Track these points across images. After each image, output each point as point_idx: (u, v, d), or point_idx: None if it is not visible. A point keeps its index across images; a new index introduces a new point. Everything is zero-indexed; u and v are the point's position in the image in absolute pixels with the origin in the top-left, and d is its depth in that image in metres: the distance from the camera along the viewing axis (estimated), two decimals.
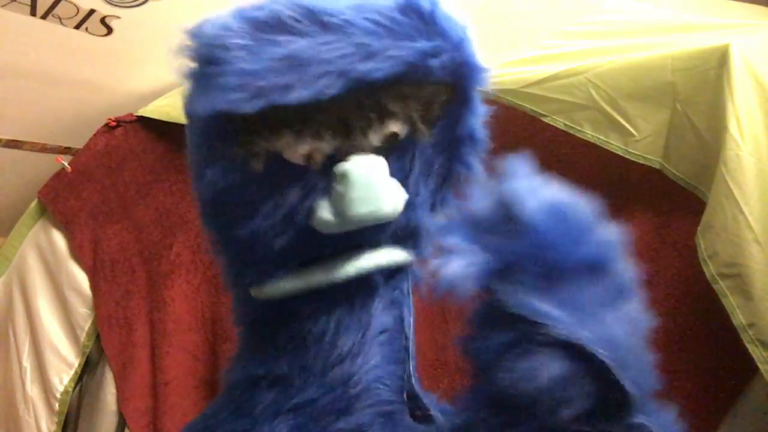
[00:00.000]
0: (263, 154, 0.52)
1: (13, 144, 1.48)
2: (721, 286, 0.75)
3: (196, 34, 0.52)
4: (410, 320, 0.63)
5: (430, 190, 0.59)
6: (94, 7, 1.20)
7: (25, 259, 1.34)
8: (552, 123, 0.90)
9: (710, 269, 0.76)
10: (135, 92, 1.44)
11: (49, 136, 1.51)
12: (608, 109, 0.87)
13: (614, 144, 0.88)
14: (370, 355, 0.58)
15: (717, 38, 0.82)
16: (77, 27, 1.23)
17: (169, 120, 1.25)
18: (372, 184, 0.51)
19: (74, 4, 1.18)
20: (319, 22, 0.48)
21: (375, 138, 0.53)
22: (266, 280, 0.58)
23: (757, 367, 0.73)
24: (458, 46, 0.52)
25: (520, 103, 0.87)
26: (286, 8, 0.48)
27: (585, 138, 0.89)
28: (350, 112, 0.50)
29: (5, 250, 1.36)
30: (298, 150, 0.52)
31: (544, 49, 0.93)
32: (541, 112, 0.90)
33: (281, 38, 0.48)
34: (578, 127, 0.89)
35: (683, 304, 0.89)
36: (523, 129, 1.01)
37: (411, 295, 0.64)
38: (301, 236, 0.54)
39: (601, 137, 0.88)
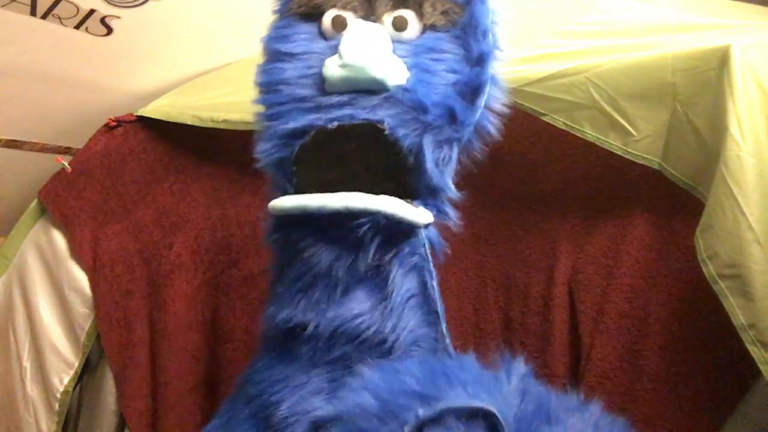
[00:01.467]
0: (306, 9, 0.69)
1: (13, 144, 1.48)
2: (722, 287, 0.75)
3: None
4: (433, 283, 0.68)
5: (439, 88, 0.68)
6: (94, 7, 1.20)
7: (25, 259, 1.34)
8: (551, 122, 0.90)
9: (710, 270, 0.76)
10: (135, 92, 1.44)
11: (49, 136, 1.51)
12: (608, 108, 0.86)
13: (614, 144, 0.87)
14: (404, 319, 0.65)
15: (717, 38, 0.82)
16: (77, 27, 1.24)
17: (168, 119, 1.25)
18: (368, 38, 0.64)
19: (74, 4, 1.18)
20: None
21: (388, 18, 0.68)
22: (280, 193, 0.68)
23: (758, 368, 0.73)
24: None
25: (519, 102, 0.87)
26: None
27: (584, 137, 0.89)
28: None
29: (5, 250, 1.35)
30: (328, 14, 0.68)
31: (544, 48, 0.93)
32: (541, 111, 0.90)
33: None
34: (578, 127, 0.89)
35: (683, 304, 0.88)
36: (523, 128, 1.01)
37: (430, 259, 0.68)
38: (315, 93, 0.67)
39: (600, 137, 0.88)
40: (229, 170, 1.33)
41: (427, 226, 0.69)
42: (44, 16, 1.19)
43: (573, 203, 1.04)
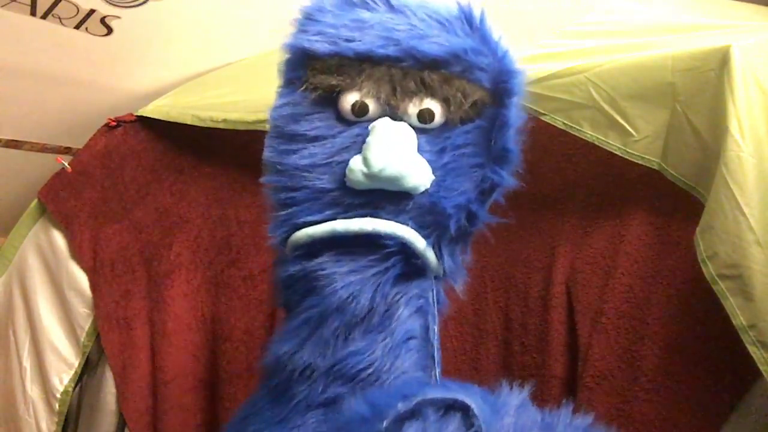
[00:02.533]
0: (323, 90, 0.65)
1: (13, 144, 1.48)
2: (721, 287, 0.75)
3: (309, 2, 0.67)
4: (435, 328, 0.67)
5: (461, 190, 0.66)
6: (94, 7, 1.20)
7: (25, 259, 1.34)
8: (551, 122, 0.90)
9: (710, 270, 0.76)
10: (135, 92, 1.44)
11: (49, 136, 1.51)
12: (608, 108, 0.86)
13: (613, 144, 0.87)
14: (399, 360, 0.64)
15: (717, 38, 0.82)
16: (77, 27, 1.23)
17: (168, 119, 1.25)
18: (395, 143, 0.61)
19: (74, 4, 1.18)
20: (388, 3, 0.65)
21: (413, 110, 0.64)
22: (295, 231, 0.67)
23: (758, 369, 0.73)
24: (500, 57, 0.66)
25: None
26: None
27: (584, 137, 0.89)
28: (396, 78, 0.63)
29: (5, 250, 1.35)
30: (349, 98, 0.64)
31: (544, 48, 0.93)
32: (540, 111, 0.90)
33: (358, 9, 0.65)
34: (577, 127, 0.89)
35: (683, 304, 0.88)
36: (523, 128, 1.00)
37: (436, 305, 0.69)
38: (335, 186, 0.64)
39: (600, 137, 0.88)
40: (229, 170, 1.33)
41: (437, 277, 0.69)
42: (44, 16, 1.19)
43: (572, 203, 1.04)
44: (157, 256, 1.32)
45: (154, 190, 1.33)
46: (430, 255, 0.67)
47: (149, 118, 1.29)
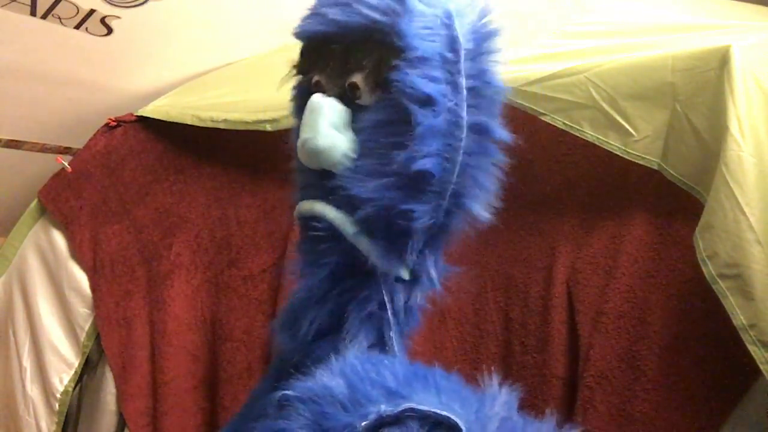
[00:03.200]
0: (300, 73, 0.67)
1: (13, 144, 1.48)
2: (721, 287, 0.75)
3: None
4: (391, 335, 0.62)
5: (376, 177, 0.58)
6: (94, 7, 1.20)
7: (25, 259, 1.34)
8: (551, 122, 0.90)
9: (710, 269, 0.76)
10: (135, 92, 1.44)
11: (49, 136, 1.51)
12: (608, 108, 0.86)
13: (613, 144, 0.87)
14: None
15: (717, 38, 0.82)
16: (77, 27, 1.23)
17: (168, 119, 1.25)
18: (315, 119, 0.60)
19: (74, 4, 1.18)
20: None
21: (340, 83, 0.62)
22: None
23: (758, 368, 0.73)
24: (403, 8, 0.57)
25: (519, 101, 0.87)
26: None
27: (584, 137, 0.89)
28: (335, 55, 0.62)
29: (5, 250, 1.36)
30: (313, 79, 0.64)
31: (544, 48, 0.93)
32: (541, 111, 0.90)
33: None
34: (577, 127, 0.89)
35: (682, 304, 0.88)
36: (522, 128, 1.00)
37: (396, 314, 0.63)
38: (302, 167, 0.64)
39: (600, 137, 0.88)
40: (229, 170, 1.33)
41: (398, 279, 0.63)
42: (44, 16, 1.19)
43: (572, 203, 1.04)
44: (157, 256, 1.32)
45: (154, 190, 1.33)
46: (365, 246, 0.60)
47: (149, 118, 1.29)
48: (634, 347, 0.92)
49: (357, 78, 0.60)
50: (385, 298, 0.62)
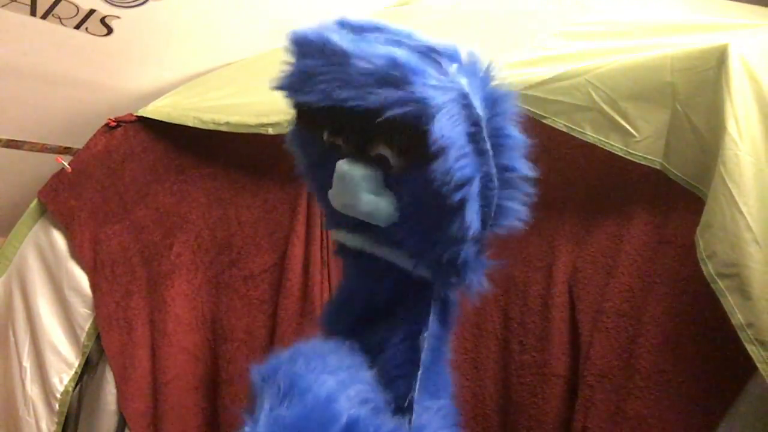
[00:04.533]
0: (309, 131, 0.69)
1: (13, 144, 1.48)
2: (720, 286, 0.75)
3: None
4: (424, 342, 0.67)
5: (424, 233, 0.63)
6: (94, 7, 1.20)
7: (25, 259, 1.34)
8: (552, 125, 0.90)
9: (709, 269, 0.76)
10: (135, 92, 1.44)
11: (49, 136, 1.51)
12: (608, 110, 0.87)
13: (615, 145, 0.88)
14: (391, 356, 0.66)
15: (716, 38, 0.82)
16: (77, 27, 1.24)
17: (169, 120, 1.25)
18: (347, 185, 0.63)
19: (74, 4, 1.18)
20: (327, 51, 0.61)
21: (372, 153, 0.63)
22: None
23: (755, 367, 0.73)
24: (424, 102, 0.57)
25: (520, 105, 0.87)
26: (315, 35, 0.62)
27: (586, 139, 0.89)
28: (355, 122, 0.62)
29: (5, 250, 1.35)
30: (325, 135, 0.67)
31: (544, 50, 0.93)
32: (542, 114, 0.90)
33: (303, 58, 0.64)
34: (579, 129, 0.89)
35: (682, 303, 0.89)
36: (522, 128, 1.01)
37: (433, 323, 0.68)
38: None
39: (602, 138, 0.88)
40: (230, 170, 1.33)
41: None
42: (44, 16, 1.19)
43: (572, 203, 1.04)
44: (157, 256, 1.32)
45: (155, 190, 1.33)
46: (425, 272, 0.67)
47: (149, 118, 1.29)
48: (632, 346, 0.93)
49: (385, 152, 0.63)
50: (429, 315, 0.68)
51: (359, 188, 0.63)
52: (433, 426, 0.65)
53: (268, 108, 1.11)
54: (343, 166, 0.63)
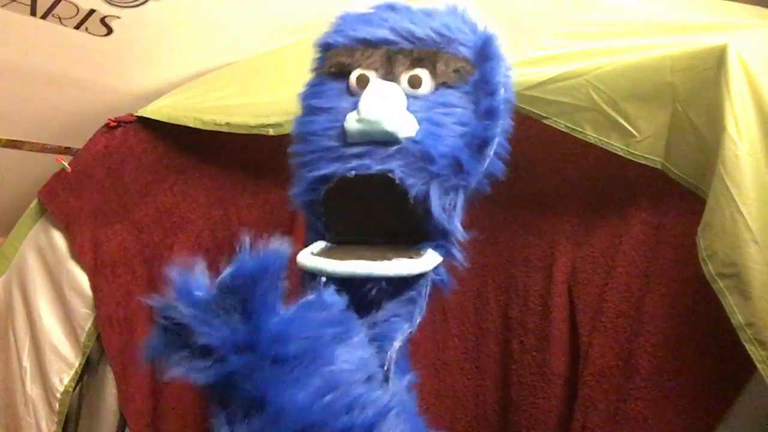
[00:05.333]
0: (336, 69, 0.77)
1: (13, 144, 1.48)
2: (720, 286, 0.75)
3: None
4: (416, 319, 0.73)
5: (447, 141, 0.72)
6: (94, 7, 1.20)
7: (25, 259, 1.34)
8: (553, 125, 0.91)
9: (709, 269, 0.77)
10: (135, 92, 1.44)
11: (49, 136, 1.51)
12: (609, 110, 0.87)
13: (616, 145, 0.88)
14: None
15: (716, 38, 0.83)
16: (77, 27, 1.23)
17: (170, 120, 1.25)
18: (383, 95, 0.71)
19: (74, 4, 1.18)
20: (389, 6, 0.80)
21: (404, 77, 0.74)
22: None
23: (755, 367, 0.74)
24: (480, 35, 0.77)
25: (520, 105, 0.88)
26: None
27: (587, 140, 0.89)
28: (391, 54, 0.75)
29: (5, 250, 1.35)
30: (354, 74, 0.76)
31: (545, 50, 0.93)
32: (543, 114, 0.90)
33: (366, 13, 0.80)
34: (580, 129, 0.89)
35: (681, 303, 0.89)
36: (523, 129, 1.01)
37: (426, 297, 0.74)
38: (338, 143, 0.74)
39: (602, 138, 0.88)
40: (230, 170, 1.33)
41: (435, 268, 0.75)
42: (44, 16, 1.19)
43: (572, 203, 1.05)
44: (158, 256, 1.32)
45: (155, 190, 1.33)
46: (421, 265, 0.72)
47: (149, 118, 1.29)
48: (631, 346, 0.93)
49: (422, 73, 0.74)
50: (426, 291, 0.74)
51: (393, 97, 0.71)
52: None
53: (268, 108, 1.11)
54: (378, 82, 0.72)
